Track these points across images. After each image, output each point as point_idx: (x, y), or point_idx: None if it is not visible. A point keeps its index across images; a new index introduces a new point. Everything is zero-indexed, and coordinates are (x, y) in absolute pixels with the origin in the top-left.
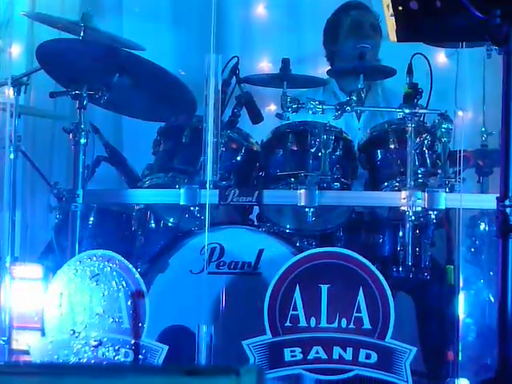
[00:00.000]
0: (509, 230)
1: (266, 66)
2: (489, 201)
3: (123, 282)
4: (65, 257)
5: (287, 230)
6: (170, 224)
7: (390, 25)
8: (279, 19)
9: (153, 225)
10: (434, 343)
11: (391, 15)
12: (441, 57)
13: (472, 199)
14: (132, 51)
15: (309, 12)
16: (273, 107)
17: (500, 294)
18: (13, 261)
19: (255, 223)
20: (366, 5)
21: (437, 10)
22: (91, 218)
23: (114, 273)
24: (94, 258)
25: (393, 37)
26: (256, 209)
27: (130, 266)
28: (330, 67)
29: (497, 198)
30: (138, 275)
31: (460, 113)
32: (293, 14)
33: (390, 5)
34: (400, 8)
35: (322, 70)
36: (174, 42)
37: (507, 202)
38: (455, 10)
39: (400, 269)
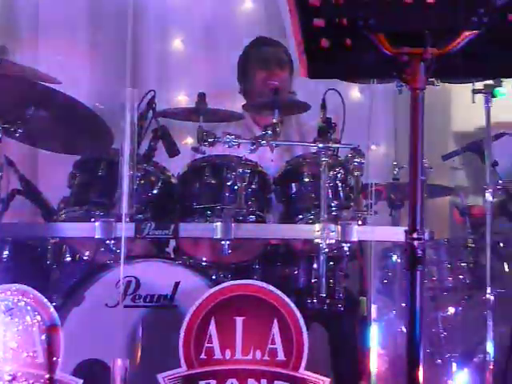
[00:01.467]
0: (416, 262)
1: (183, 99)
2: (399, 233)
3: (38, 316)
4: None
5: (203, 263)
6: (85, 257)
7: (301, 61)
8: (196, 53)
9: (68, 258)
10: (348, 374)
11: (302, 52)
12: (354, 92)
13: (383, 232)
14: (48, 84)
15: (225, 46)
16: (190, 140)
17: (409, 325)
18: None
19: (172, 256)
20: (276, 41)
21: (347, 47)
22: (5, 252)
23: (29, 307)
24: (9, 293)
25: (304, 73)
26: (173, 242)
27: (45, 300)
28: (245, 101)
29: (405, 230)
30: (52, 309)
31: (373, 147)
32: (209, 48)
33: (302, 42)
34: (311, 45)
35: (238, 103)
36: (91, 76)
37: (415, 235)
38: (365, 48)
39: (314, 300)
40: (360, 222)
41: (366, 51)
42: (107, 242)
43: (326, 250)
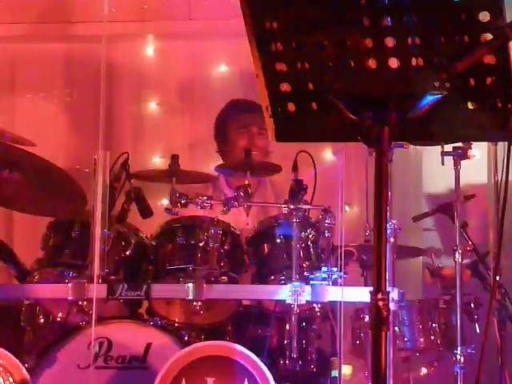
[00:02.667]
0: (381, 323)
1: (158, 161)
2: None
3: (10, 378)
4: None
5: (176, 324)
6: (58, 319)
7: (269, 125)
8: (171, 115)
9: (42, 320)
10: None
11: (270, 116)
12: (327, 153)
13: (354, 292)
14: (23, 147)
15: (200, 109)
16: (164, 201)
17: None
18: None
19: (144, 317)
20: (254, 105)
21: (313, 111)
22: None
23: (1, 368)
24: None
25: (272, 136)
26: (145, 302)
27: (17, 361)
28: (219, 161)
29: (370, 291)
30: (24, 371)
31: (346, 207)
32: (184, 111)
33: (269, 107)
34: (279, 109)
35: (213, 164)
36: (66, 138)
37: (379, 296)
38: (330, 112)
39: (287, 361)
40: (330, 283)
41: (331, 115)
42: (80, 303)
43: (297, 310)
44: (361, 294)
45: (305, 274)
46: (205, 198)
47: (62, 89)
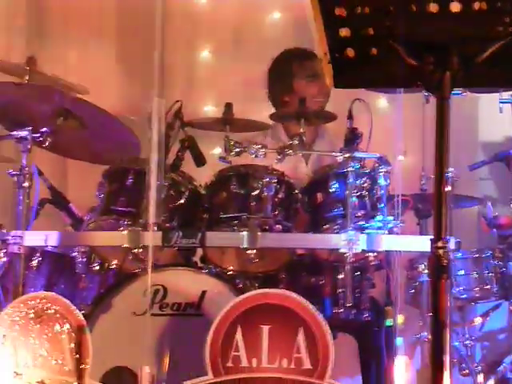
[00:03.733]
0: (441, 272)
1: (210, 110)
2: (426, 243)
3: (66, 324)
4: (8, 299)
5: (230, 272)
6: (113, 266)
7: (327, 71)
8: (224, 63)
9: (96, 267)
10: (375, 383)
11: (328, 62)
12: (382, 102)
13: (410, 241)
14: (76, 94)
15: (253, 57)
16: (217, 150)
17: (433, 335)
18: None
19: (199, 265)
20: (312, 52)
21: (373, 56)
22: (35, 260)
23: (58, 314)
24: (38, 300)
25: (330, 83)
26: (200, 250)
27: (73, 307)
28: (273, 110)
29: (430, 239)
30: (81, 317)
31: (400, 157)
32: (237, 59)
33: (328, 52)
34: (337, 55)
35: (267, 113)
36: (119, 86)
37: (440, 244)
38: (391, 57)
39: (341, 310)
40: (386, 232)
41: (391, 61)
42: (134, 250)
43: (352, 259)
44: (417, 243)
45: (359, 223)
46: (259, 146)
47: (114, 36)
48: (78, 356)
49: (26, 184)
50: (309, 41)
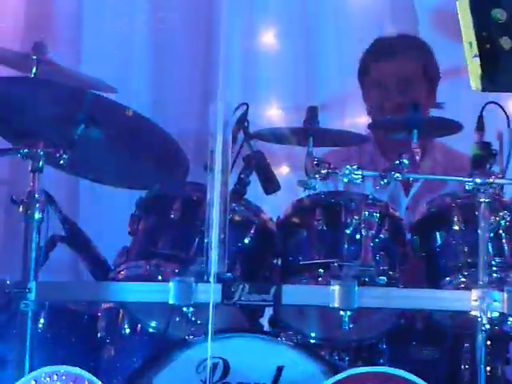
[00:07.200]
0: None
1: (275, 114)
2: None
3: None
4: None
5: (312, 340)
6: (151, 330)
7: (472, 68)
8: (293, 51)
9: (127, 330)
10: None
11: (475, 56)
12: None
13: None
14: (101, 94)
15: (333, 42)
16: (285, 169)
17: None
18: None
19: (267, 329)
20: (415, 40)
21: None
22: (41, 320)
23: None
24: (55, 377)
25: (476, 84)
26: (268, 310)
27: None
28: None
29: None
30: None
31: None
32: (311, 45)
33: (474, 42)
34: (488, 46)
35: (350, 121)
36: (153, 81)
37: None
38: None
39: None
40: None
41: None
42: (184, 309)
43: (487, 326)
44: None
45: (496, 275)
46: (354, 166)
47: (149, 13)
48: None
49: (37, 216)
50: (409, 23)
